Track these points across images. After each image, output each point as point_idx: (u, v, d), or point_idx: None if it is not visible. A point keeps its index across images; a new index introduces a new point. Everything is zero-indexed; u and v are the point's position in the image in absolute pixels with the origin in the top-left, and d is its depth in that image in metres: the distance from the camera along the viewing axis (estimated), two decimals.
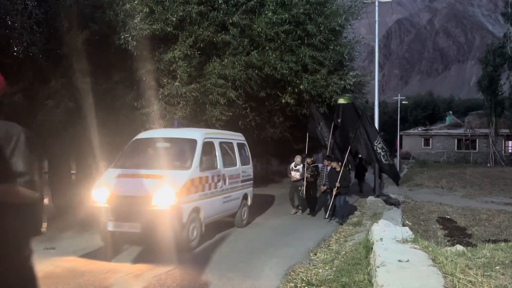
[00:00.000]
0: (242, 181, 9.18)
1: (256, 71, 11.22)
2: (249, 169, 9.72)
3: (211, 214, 7.67)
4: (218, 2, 10.66)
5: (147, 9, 9.02)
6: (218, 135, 8.65)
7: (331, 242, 7.89)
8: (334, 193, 10.30)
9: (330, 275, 5.34)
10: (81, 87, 8.08)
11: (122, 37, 8.47)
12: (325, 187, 10.85)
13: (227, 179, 8.22)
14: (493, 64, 35.08)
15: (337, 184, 10.17)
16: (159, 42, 9.74)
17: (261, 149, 17.99)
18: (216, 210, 7.93)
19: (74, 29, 8.31)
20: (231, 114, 11.31)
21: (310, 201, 11.39)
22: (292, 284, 5.21)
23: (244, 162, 9.39)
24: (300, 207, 11.47)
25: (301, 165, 11.29)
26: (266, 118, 14.84)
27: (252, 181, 9.85)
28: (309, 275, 5.62)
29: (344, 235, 8.44)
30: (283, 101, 13.23)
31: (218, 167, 7.92)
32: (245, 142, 9.95)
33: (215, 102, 10.49)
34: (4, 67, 7.70)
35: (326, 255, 6.82)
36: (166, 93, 9.57)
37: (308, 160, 11.61)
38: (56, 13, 8.49)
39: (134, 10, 8.81)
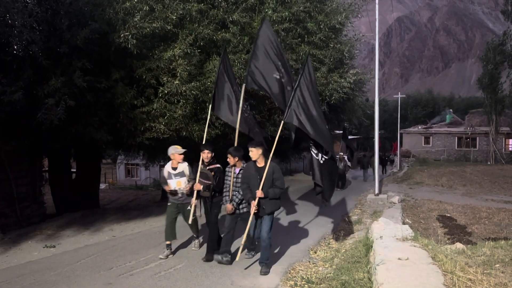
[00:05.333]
0: None
1: None
2: None
3: None
4: (218, 0, 10.66)
5: (147, 7, 8.99)
6: None
7: (331, 240, 7.91)
8: (252, 210, 5.57)
9: (330, 273, 5.35)
10: (81, 85, 8.07)
11: (122, 35, 8.46)
12: (231, 206, 6.01)
13: None
14: (494, 62, 34.97)
15: (258, 193, 5.49)
16: (159, 40, 9.71)
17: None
18: None
19: (74, 27, 8.31)
20: None
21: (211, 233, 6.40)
22: (292, 282, 5.22)
23: None
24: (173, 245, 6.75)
25: (186, 165, 6.61)
26: (267, 117, 14.78)
27: None
28: (309, 273, 5.63)
29: (344, 233, 8.45)
30: None
31: None
32: None
33: None
34: (4, 65, 7.71)
35: (326, 253, 6.84)
36: (166, 92, 9.54)
37: (205, 154, 6.33)
38: (56, 12, 8.48)
39: (134, 8, 8.80)
